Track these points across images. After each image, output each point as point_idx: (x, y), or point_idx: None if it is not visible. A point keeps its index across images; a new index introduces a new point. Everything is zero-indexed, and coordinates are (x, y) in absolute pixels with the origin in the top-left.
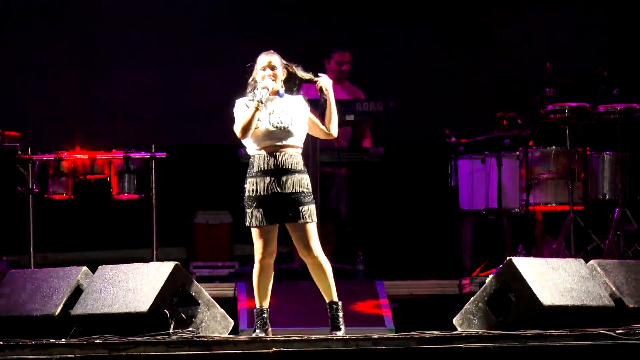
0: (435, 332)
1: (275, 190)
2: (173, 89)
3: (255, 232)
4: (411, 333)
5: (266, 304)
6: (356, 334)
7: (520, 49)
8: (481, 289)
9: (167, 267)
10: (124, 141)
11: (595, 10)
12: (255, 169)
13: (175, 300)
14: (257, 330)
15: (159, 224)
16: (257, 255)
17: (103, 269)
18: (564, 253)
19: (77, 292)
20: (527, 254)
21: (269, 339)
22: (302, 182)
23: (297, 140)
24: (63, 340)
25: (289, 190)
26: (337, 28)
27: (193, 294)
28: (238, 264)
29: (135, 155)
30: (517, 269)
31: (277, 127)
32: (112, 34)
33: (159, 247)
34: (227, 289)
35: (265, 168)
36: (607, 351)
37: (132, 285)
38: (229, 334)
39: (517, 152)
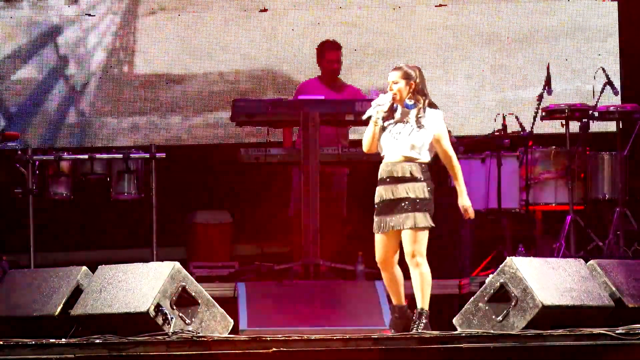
0: (435, 332)
1: None
2: (174, 89)
3: None
4: (411, 333)
5: None
6: (356, 333)
7: (520, 49)
8: (481, 289)
9: (167, 267)
10: (124, 141)
11: (596, 10)
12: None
13: (175, 300)
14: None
15: (159, 224)
16: None
17: (103, 269)
18: (563, 253)
19: (77, 292)
20: (527, 253)
21: (269, 338)
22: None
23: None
24: (63, 340)
25: None
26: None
27: (193, 293)
28: (238, 264)
29: (135, 155)
30: (517, 269)
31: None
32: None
33: (159, 247)
34: (227, 289)
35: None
36: (607, 351)
37: (132, 285)
38: (229, 333)
39: (517, 152)
